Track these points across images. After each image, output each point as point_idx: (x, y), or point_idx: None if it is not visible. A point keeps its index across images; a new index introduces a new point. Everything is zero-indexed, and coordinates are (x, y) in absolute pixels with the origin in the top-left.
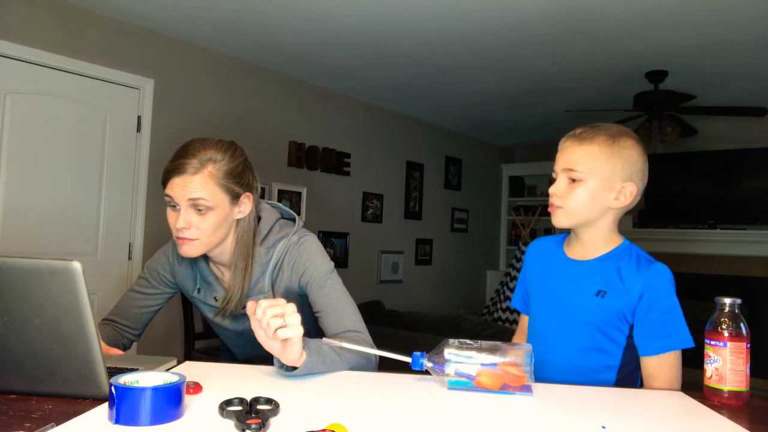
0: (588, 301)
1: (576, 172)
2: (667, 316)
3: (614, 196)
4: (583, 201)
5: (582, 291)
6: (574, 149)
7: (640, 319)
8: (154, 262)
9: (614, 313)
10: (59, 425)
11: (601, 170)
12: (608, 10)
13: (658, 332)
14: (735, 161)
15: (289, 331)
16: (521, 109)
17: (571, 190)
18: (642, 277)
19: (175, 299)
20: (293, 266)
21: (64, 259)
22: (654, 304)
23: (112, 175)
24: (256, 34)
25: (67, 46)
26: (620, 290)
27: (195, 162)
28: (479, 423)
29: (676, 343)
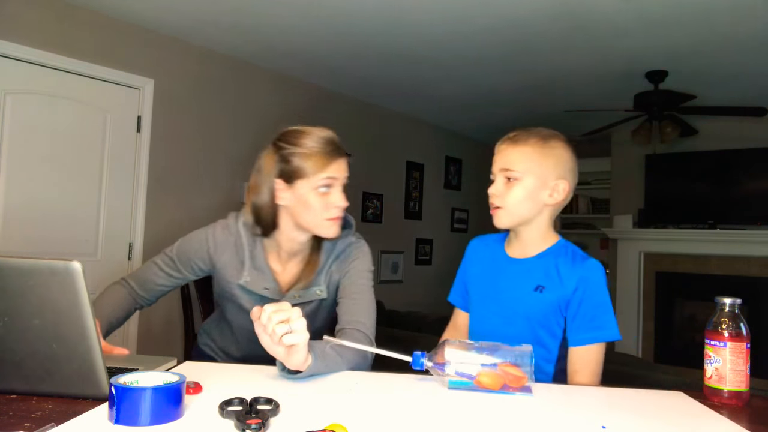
0: (527, 297)
1: (512, 171)
2: (596, 310)
3: (548, 193)
4: (520, 198)
5: (521, 287)
6: (509, 150)
7: (572, 311)
8: (188, 248)
9: (552, 306)
10: (59, 425)
11: (535, 169)
12: (608, 10)
13: (587, 324)
14: (735, 161)
15: (295, 337)
16: (521, 109)
17: (509, 189)
18: (577, 271)
19: (175, 299)
20: (345, 260)
21: (64, 259)
22: (586, 298)
23: (112, 175)
24: (256, 34)
25: (67, 46)
26: (557, 285)
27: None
28: (479, 423)
29: (604, 335)
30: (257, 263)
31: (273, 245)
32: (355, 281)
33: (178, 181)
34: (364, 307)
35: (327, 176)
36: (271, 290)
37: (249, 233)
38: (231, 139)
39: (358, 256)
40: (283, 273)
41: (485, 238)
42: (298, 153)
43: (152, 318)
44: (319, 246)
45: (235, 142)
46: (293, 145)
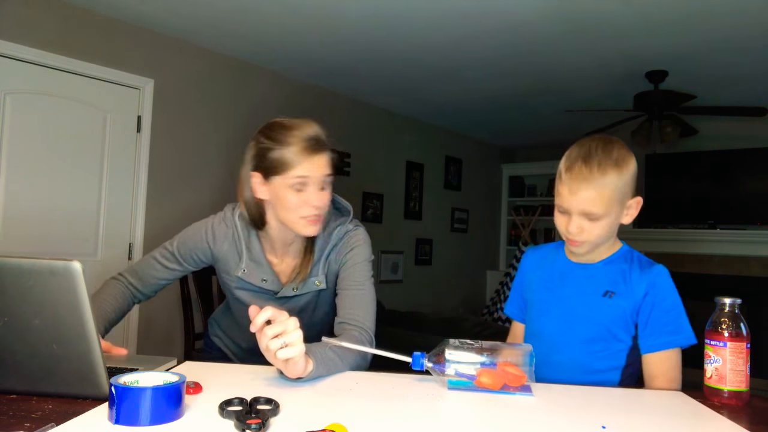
0: (596, 303)
1: (594, 214)
2: (669, 314)
3: (626, 213)
4: (605, 232)
5: (589, 293)
6: (585, 192)
7: (643, 317)
8: (189, 240)
9: (621, 313)
10: (59, 425)
11: (616, 203)
12: (608, 11)
13: (661, 329)
14: (735, 161)
15: (290, 351)
16: (521, 109)
17: (591, 226)
18: (645, 277)
19: (175, 299)
20: (342, 250)
21: (64, 259)
22: (657, 303)
23: (112, 175)
24: (256, 34)
25: (67, 46)
26: (626, 291)
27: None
28: (479, 423)
29: (679, 339)
30: (254, 255)
31: (267, 238)
32: (354, 273)
33: (178, 181)
34: (363, 302)
35: (299, 175)
36: (270, 282)
37: (245, 225)
38: (231, 139)
39: (356, 245)
40: (280, 265)
41: (542, 248)
42: (274, 148)
43: (152, 318)
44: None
45: (235, 142)
46: (270, 140)
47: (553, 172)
